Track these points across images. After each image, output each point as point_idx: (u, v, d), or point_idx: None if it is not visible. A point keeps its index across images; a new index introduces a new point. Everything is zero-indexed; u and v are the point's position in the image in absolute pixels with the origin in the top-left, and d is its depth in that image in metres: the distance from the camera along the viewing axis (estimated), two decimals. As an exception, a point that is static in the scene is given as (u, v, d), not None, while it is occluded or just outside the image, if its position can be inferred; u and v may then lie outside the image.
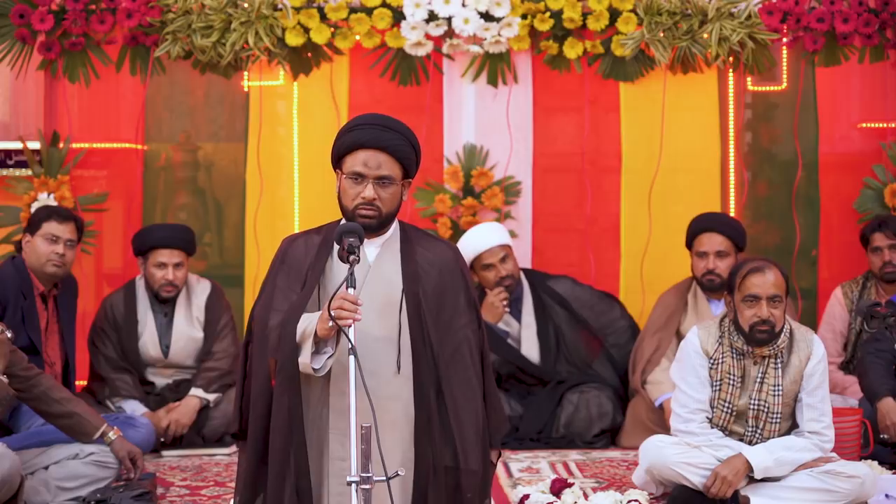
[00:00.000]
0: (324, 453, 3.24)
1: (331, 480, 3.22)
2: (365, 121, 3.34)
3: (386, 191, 3.27)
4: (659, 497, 4.50)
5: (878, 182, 6.09)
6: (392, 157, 3.28)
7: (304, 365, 3.17)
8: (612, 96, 6.16)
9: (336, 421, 3.22)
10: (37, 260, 5.15)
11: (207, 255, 6.35)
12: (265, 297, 3.33)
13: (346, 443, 3.14)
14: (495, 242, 5.69)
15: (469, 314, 3.34)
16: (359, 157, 3.27)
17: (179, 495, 4.68)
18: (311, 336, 3.13)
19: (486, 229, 5.76)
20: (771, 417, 4.36)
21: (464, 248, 5.71)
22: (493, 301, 5.69)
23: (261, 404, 3.24)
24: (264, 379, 3.24)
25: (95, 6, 5.90)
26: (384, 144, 3.28)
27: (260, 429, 3.23)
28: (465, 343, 3.30)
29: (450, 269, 3.35)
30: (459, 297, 3.34)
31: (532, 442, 5.51)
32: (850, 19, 5.91)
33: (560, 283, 5.90)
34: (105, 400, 5.51)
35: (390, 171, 3.27)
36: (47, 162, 6.02)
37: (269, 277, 3.36)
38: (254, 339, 3.32)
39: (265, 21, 5.86)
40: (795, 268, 6.06)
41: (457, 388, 3.25)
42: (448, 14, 5.91)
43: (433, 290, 3.28)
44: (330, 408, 3.23)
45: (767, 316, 4.29)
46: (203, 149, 6.43)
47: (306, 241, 3.37)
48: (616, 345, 5.83)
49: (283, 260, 3.35)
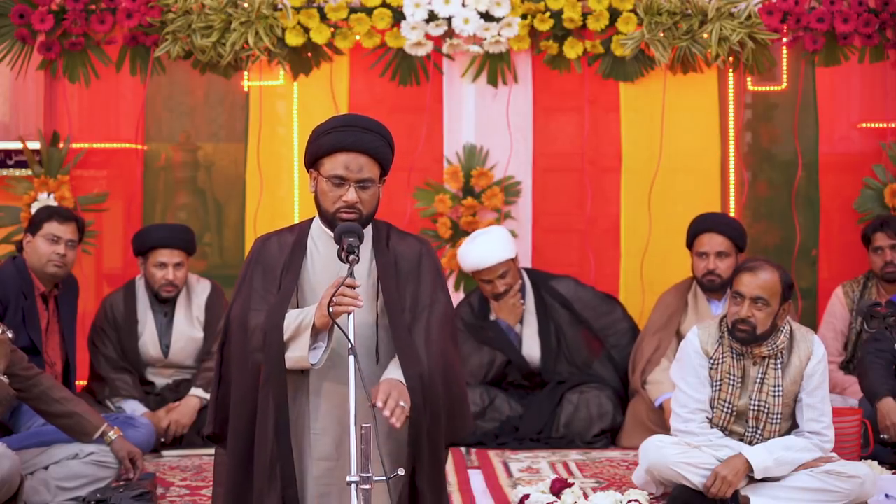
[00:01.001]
0: (304, 454, 3.20)
1: (312, 482, 3.19)
2: (344, 122, 3.31)
3: (367, 193, 3.25)
4: (659, 497, 4.50)
5: (878, 182, 6.09)
6: (372, 159, 3.27)
7: (298, 359, 3.13)
8: (612, 96, 6.16)
9: (315, 421, 3.19)
10: (38, 260, 5.15)
11: (207, 255, 6.35)
12: (242, 298, 3.28)
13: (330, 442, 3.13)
14: (495, 260, 5.61)
15: (436, 294, 3.31)
16: (339, 160, 3.24)
17: (179, 495, 4.68)
18: (309, 328, 3.10)
19: (489, 245, 5.63)
20: (771, 418, 4.36)
21: (464, 260, 5.69)
22: (511, 303, 5.70)
23: (244, 408, 3.18)
24: (247, 382, 3.19)
25: (95, 6, 5.90)
26: (365, 147, 3.26)
27: (244, 434, 3.18)
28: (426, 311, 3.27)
29: (419, 260, 3.33)
30: (429, 284, 3.32)
31: (532, 442, 5.51)
32: (850, 19, 5.91)
33: (562, 284, 5.90)
34: (105, 400, 5.51)
35: (370, 174, 3.26)
36: (47, 162, 6.02)
37: (244, 278, 3.31)
38: (230, 340, 3.26)
39: (265, 21, 5.86)
40: (795, 268, 6.05)
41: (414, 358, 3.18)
42: (448, 14, 5.91)
43: (405, 281, 3.28)
44: (310, 407, 3.20)
45: (746, 315, 4.28)
46: (203, 149, 6.43)
47: (279, 240, 3.35)
48: (617, 346, 5.83)
49: (257, 260, 3.32)
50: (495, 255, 5.62)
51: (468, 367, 5.63)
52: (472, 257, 5.65)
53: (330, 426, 3.18)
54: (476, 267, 5.64)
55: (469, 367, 5.64)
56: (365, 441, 2.80)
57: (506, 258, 5.65)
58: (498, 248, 5.64)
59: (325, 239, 3.30)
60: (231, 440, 3.23)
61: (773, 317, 4.30)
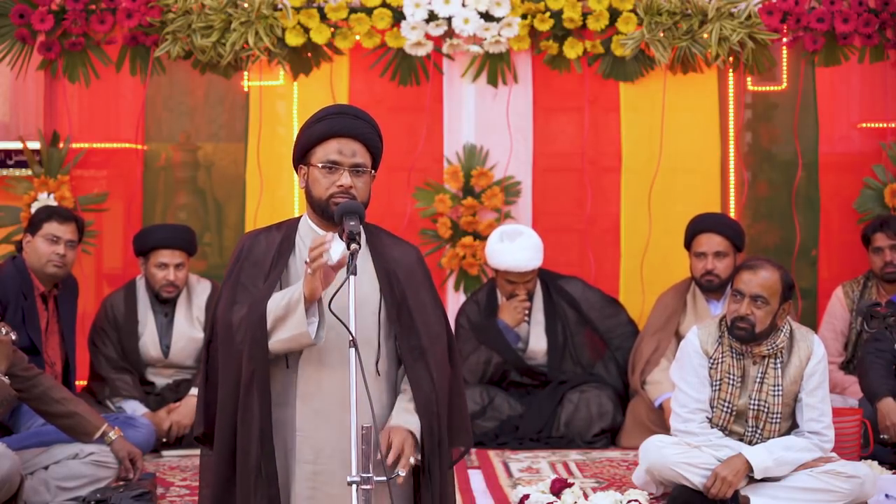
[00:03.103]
0: (289, 456, 3.15)
1: (298, 484, 3.14)
2: (335, 110, 3.32)
3: (360, 179, 3.22)
4: (659, 497, 4.50)
5: (878, 182, 6.09)
6: (364, 146, 3.25)
7: (296, 337, 3.05)
8: (612, 96, 6.16)
9: (303, 423, 3.15)
10: (37, 260, 5.15)
11: (207, 255, 6.35)
12: (228, 293, 3.22)
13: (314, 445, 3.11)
14: (532, 267, 5.65)
15: (435, 313, 3.29)
16: (332, 146, 3.23)
17: (179, 495, 4.68)
18: (300, 302, 3.02)
19: (529, 252, 5.63)
20: (771, 417, 4.36)
21: (498, 257, 5.65)
22: (515, 306, 5.70)
23: (231, 405, 3.13)
24: (232, 377, 3.13)
25: (95, 6, 5.90)
26: (357, 133, 3.25)
27: (230, 432, 3.13)
28: (437, 341, 3.25)
29: (414, 270, 3.29)
30: (426, 298, 3.29)
31: (532, 442, 5.51)
32: (850, 19, 5.91)
33: (570, 284, 5.90)
34: (105, 400, 5.50)
35: (364, 160, 3.24)
36: (47, 162, 6.02)
37: (231, 274, 3.26)
38: (216, 337, 3.21)
39: (265, 21, 5.86)
40: (795, 268, 6.05)
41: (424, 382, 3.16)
42: (448, 14, 5.91)
43: (403, 290, 3.24)
44: (297, 410, 3.15)
45: (745, 313, 4.28)
46: (203, 149, 6.43)
47: (267, 237, 3.31)
48: (620, 348, 5.82)
49: (245, 257, 3.26)
50: (533, 262, 5.66)
51: (467, 365, 5.63)
52: (508, 258, 5.64)
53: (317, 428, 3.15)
54: (511, 269, 5.64)
55: (468, 365, 5.64)
56: (365, 441, 2.80)
57: (539, 265, 5.69)
58: (537, 255, 5.67)
59: (314, 235, 3.26)
60: (217, 440, 3.18)
61: (772, 316, 4.30)
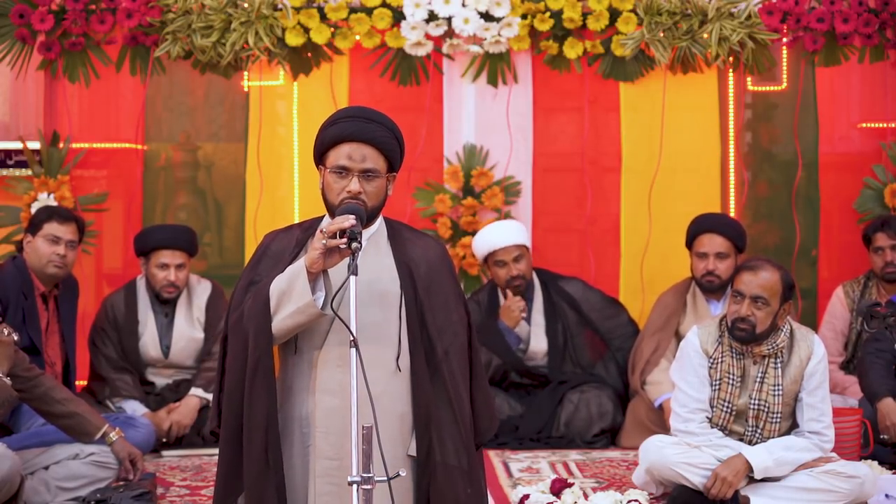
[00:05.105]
0: (309, 452, 3.17)
1: (317, 480, 3.16)
2: (347, 114, 3.28)
3: (371, 184, 3.19)
4: (659, 497, 4.50)
5: (878, 182, 6.09)
6: (377, 150, 3.22)
7: (301, 309, 3.05)
8: (612, 96, 6.16)
9: (323, 419, 3.16)
10: (38, 260, 5.15)
11: (207, 255, 6.35)
12: (242, 286, 3.22)
13: (335, 441, 3.12)
14: (511, 241, 5.71)
15: (459, 311, 3.29)
16: (343, 151, 3.20)
17: (179, 495, 4.68)
18: (303, 272, 3.03)
19: (505, 227, 5.80)
20: (771, 417, 4.36)
21: (479, 242, 5.77)
22: (511, 307, 5.71)
23: (237, 393, 3.14)
24: (240, 367, 3.13)
25: (95, 6, 5.90)
26: (368, 137, 3.22)
27: (237, 420, 3.14)
28: (457, 340, 3.27)
29: (437, 265, 3.29)
30: (449, 292, 3.28)
31: (532, 442, 5.51)
32: (850, 19, 5.91)
33: (571, 285, 5.91)
34: (105, 400, 5.51)
35: (375, 164, 3.21)
36: (47, 162, 6.02)
37: (251, 266, 3.27)
38: (229, 328, 3.21)
39: (265, 21, 5.86)
40: (795, 268, 6.05)
41: (450, 385, 3.21)
42: (448, 14, 5.91)
43: (424, 285, 3.24)
44: (317, 406, 3.16)
45: (746, 314, 4.28)
46: (203, 149, 6.43)
47: (287, 235, 3.32)
48: (621, 349, 5.83)
49: (265, 252, 3.28)
50: (511, 237, 5.73)
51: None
52: (488, 238, 5.74)
53: (337, 424, 3.16)
54: (492, 247, 5.71)
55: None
56: (366, 441, 2.80)
57: (521, 241, 5.74)
58: (514, 231, 5.76)
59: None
60: (223, 428, 3.18)
61: (772, 316, 4.30)
